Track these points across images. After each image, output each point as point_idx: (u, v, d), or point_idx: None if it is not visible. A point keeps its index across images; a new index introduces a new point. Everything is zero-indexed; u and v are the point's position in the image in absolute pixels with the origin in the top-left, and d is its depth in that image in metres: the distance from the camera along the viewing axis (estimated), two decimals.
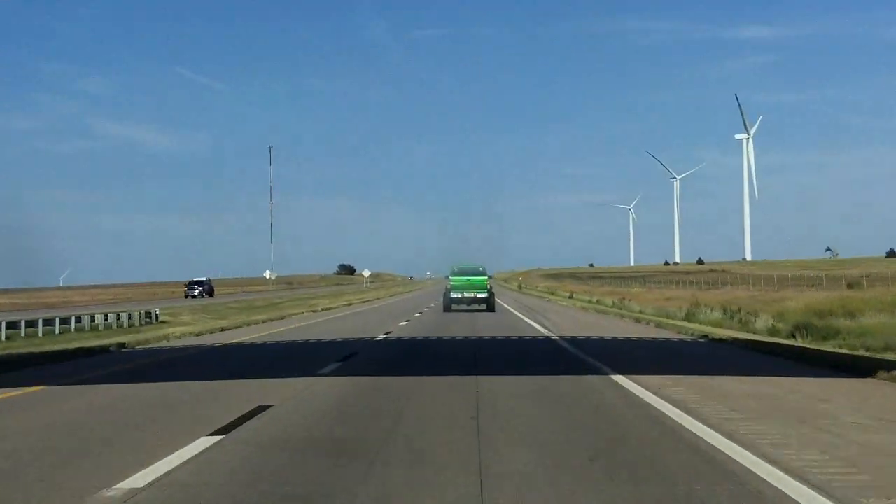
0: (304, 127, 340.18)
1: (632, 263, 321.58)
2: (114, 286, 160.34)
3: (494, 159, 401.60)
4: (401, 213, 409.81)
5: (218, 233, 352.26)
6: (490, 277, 52.30)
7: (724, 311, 40.12)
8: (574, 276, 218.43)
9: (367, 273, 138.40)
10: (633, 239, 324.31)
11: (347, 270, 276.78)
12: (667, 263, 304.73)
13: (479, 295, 50.04)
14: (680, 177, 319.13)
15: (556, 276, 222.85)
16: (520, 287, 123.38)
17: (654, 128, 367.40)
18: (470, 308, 50.81)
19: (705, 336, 30.22)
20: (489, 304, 50.42)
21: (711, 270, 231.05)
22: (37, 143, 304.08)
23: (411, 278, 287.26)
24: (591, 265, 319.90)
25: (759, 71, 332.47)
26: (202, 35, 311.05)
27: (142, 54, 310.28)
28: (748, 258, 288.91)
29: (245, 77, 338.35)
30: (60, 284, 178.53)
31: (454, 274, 51.18)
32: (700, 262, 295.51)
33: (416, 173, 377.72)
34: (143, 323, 44.31)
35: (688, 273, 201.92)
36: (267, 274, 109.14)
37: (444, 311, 50.01)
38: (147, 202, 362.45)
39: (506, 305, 57.47)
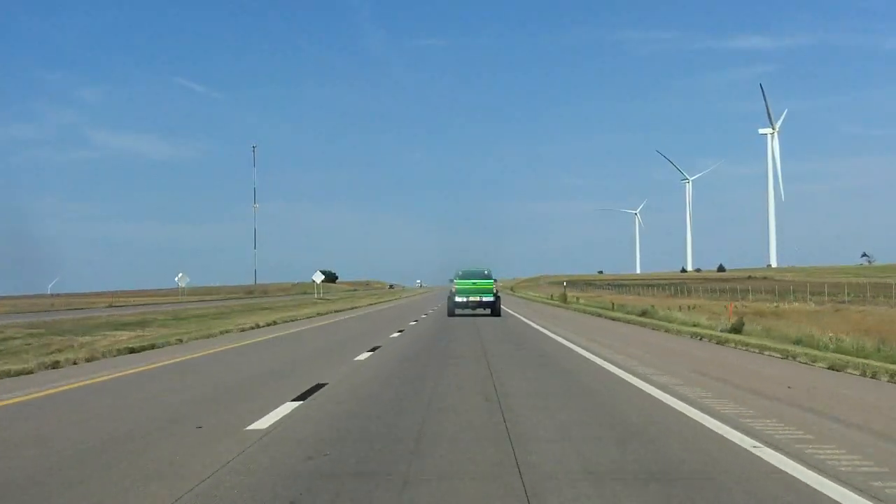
0: (301, 135, 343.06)
1: (638, 270, 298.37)
2: (99, 294, 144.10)
3: (493, 167, 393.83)
4: (398, 221, 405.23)
5: (214, 239, 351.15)
6: (495, 281, 47.99)
7: None
8: (591, 283, 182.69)
9: (318, 278, 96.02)
10: (639, 245, 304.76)
11: (328, 277, 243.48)
12: (683, 270, 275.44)
13: (484, 299, 46.85)
14: (693, 178, 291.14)
15: (570, 284, 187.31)
16: (565, 299, 70.00)
17: (654, 137, 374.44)
18: (475, 313, 47.70)
19: None
20: (494, 309, 47.18)
21: (750, 277, 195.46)
22: (36, 152, 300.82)
23: (390, 286, 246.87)
24: (601, 272, 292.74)
25: (759, 80, 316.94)
26: (200, 44, 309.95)
27: (140, 64, 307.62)
28: (773, 264, 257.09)
29: (243, 85, 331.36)
30: (48, 292, 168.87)
31: (459, 277, 47.38)
32: (721, 268, 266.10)
33: (415, 182, 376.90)
34: None
35: (727, 280, 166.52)
36: (178, 279, 72.67)
37: (449, 315, 46.14)
38: (144, 211, 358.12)
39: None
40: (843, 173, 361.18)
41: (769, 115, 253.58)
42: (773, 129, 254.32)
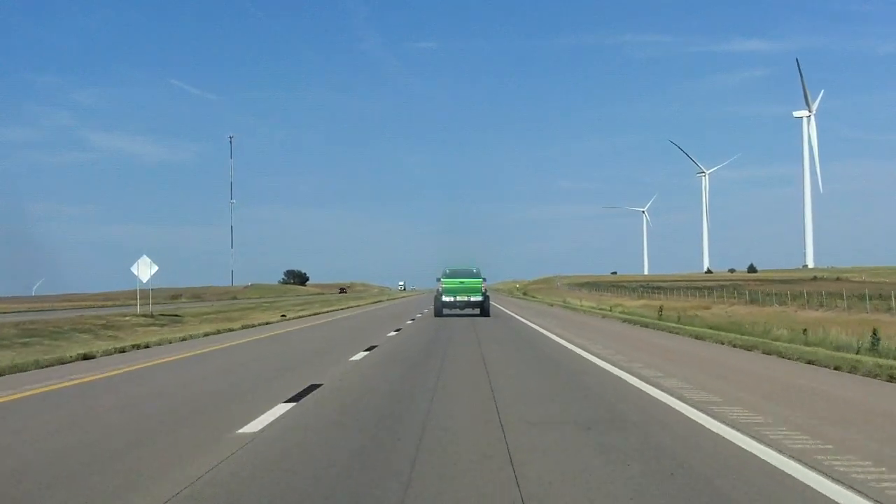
0: (297, 138, 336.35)
1: (645, 271, 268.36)
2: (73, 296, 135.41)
3: (492, 170, 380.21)
4: (394, 223, 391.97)
5: (210, 241, 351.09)
6: (484, 280, 45.64)
7: None
8: (620, 286, 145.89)
9: (144, 275, 43.71)
10: (647, 245, 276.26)
11: (298, 278, 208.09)
12: (709, 271, 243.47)
13: (473, 298, 44.41)
14: (709, 171, 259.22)
15: (589, 285, 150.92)
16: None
17: (654, 140, 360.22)
18: (463, 313, 45.17)
19: None
20: (483, 309, 44.72)
21: (815, 278, 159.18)
22: (30, 154, 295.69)
23: (341, 290, 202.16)
24: (615, 273, 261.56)
25: (757, 84, 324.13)
26: (195, 47, 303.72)
27: (135, 66, 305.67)
28: (810, 265, 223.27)
29: (238, 88, 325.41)
30: (33, 294, 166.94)
31: (446, 276, 45.13)
32: (752, 269, 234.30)
33: (413, 184, 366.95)
34: None
35: (789, 283, 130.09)
36: None
37: (436, 315, 43.92)
38: (139, 212, 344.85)
39: None
40: (841, 177, 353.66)
41: (805, 95, 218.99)
42: (810, 111, 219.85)
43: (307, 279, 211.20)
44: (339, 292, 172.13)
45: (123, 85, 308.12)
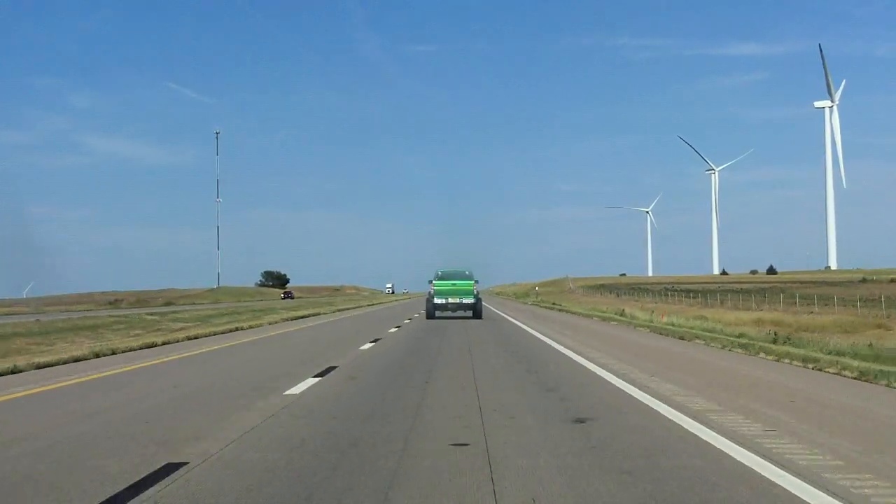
0: (295, 140, 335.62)
1: (650, 273, 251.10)
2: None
3: (490, 172, 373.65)
4: (392, 225, 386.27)
5: (206, 243, 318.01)
6: (476, 282, 45.96)
7: None
8: (640, 289, 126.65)
9: None
10: (651, 245, 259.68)
11: (277, 280, 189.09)
12: (724, 272, 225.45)
13: (465, 301, 44.54)
14: (719, 168, 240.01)
15: (605, 288, 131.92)
16: None
17: (653, 141, 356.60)
18: (455, 315, 45.55)
19: None
20: (476, 311, 44.78)
21: (864, 280, 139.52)
22: (26, 157, 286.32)
23: (286, 295, 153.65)
24: (624, 274, 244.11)
25: (754, 87, 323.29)
26: (191, 50, 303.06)
27: (132, 68, 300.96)
28: (833, 266, 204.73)
29: (236, 90, 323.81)
30: (24, 297, 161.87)
31: (438, 278, 45.89)
32: (772, 270, 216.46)
33: (411, 187, 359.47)
34: None
35: (833, 285, 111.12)
36: None
37: (428, 318, 44.36)
38: (135, 215, 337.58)
39: None
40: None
41: (828, 84, 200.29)
42: (832, 101, 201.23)
43: (287, 281, 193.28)
44: (283, 297, 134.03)
45: (121, 88, 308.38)
